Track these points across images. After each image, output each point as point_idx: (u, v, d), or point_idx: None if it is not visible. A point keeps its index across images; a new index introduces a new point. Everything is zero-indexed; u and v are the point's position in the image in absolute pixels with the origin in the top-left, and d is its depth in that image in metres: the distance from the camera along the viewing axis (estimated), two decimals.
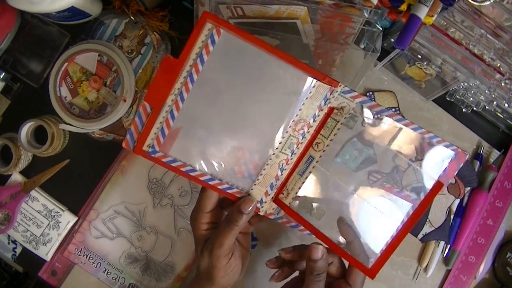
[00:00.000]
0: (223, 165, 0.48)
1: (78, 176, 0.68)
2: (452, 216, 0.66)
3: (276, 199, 0.51)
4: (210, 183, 0.48)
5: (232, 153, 0.47)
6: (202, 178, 0.48)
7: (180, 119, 0.45)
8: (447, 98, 0.64)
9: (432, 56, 0.58)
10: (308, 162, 0.50)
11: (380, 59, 0.61)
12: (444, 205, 0.67)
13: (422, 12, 0.47)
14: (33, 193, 0.67)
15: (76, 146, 0.68)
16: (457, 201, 0.66)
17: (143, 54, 0.65)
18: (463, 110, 0.65)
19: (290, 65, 0.44)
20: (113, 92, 0.64)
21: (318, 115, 0.48)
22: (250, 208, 0.48)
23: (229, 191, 0.49)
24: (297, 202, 0.52)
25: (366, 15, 0.52)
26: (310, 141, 0.49)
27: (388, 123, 0.50)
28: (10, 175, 0.68)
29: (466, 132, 0.67)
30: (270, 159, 0.48)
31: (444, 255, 0.66)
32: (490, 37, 0.53)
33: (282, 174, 0.50)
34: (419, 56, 0.58)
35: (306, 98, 0.46)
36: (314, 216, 0.66)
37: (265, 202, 0.50)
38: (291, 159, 0.49)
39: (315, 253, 0.48)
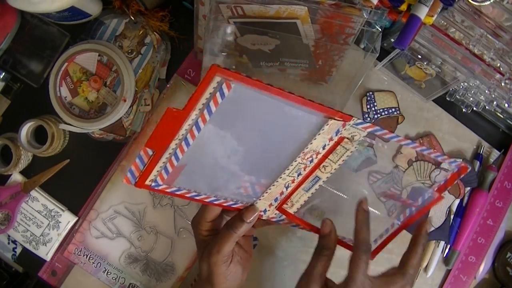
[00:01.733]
0: (228, 188, 0.48)
1: (78, 176, 0.67)
2: (452, 216, 0.66)
3: (279, 208, 0.52)
4: (216, 202, 0.49)
5: (239, 181, 0.48)
6: (208, 200, 0.48)
7: (185, 159, 0.44)
8: (447, 98, 0.64)
9: (432, 56, 0.58)
10: (314, 181, 0.51)
11: (380, 59, 0.61)
12: (444, 205, 0.67)
13: (422, 12, 0.47)
14: (33, 193, 0.67)
15: (76, 146, 0.68)
16: (457, 201, 0.66)
17: (143, 54, 0.65)
18: (463, 110, 0.65)
19: (303, 107, 0.43)
20: (113, 92, 0.64)
21: (328, 144, 0.48)
22: (252, 217, 0.48)
23: (234, 206, 0.50)
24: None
25: (366, 16, 0.52)
26: (318, 164, 0.50)
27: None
28: (10, 175, 0.68)
29: (466, 132, 0.67)
30: (277, 181, 0.49)
31: (444, 255, 0.66)
32: (490, 37, 0.53)
33: (287, 190, 0.51)
34: (419, 56, 0.58)
35: (319, 134, 0.46)
36: (315, 216, 0.66)
37: (268, 210, 0.51)
38: (297, 179, 0.50)
39: (323, 228, 0.49)
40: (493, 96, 0.60)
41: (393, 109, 0.67)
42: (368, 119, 0.67)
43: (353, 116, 0.46)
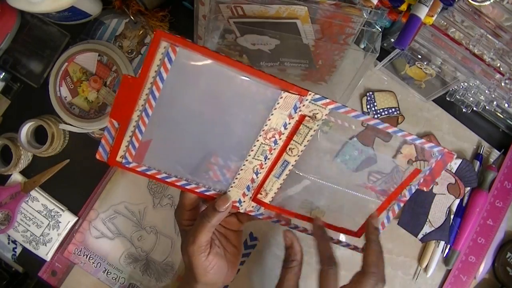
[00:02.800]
0: (197, 171, 0.48)
1: (78, 176, 0.68)
2: (452, 216, 0.66)
3: (254, 199, 0.51)
4: (187, 187, 0.49)
5: (206, 160, 0.48)
6: (179, 184, 0.48)
7: (149, 133, 0.45)
8: (447, 98, 0.64)
9: (432, 56, 0.58)
10: (284, 166, 0.51)
11: (380, 59, 0.61)
12: (444, 205, 0.67)
13: (422, 12, 0.47)
14: (33, 193, 0.67)
15: (76, 146, 0.68)
16: (457, 201, 0.66)
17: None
18: (463, 110, 0.65)
19: (255, 77, 0.44)
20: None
21: (289, 123, 0.48)
22: (225, 206, 0.48)
23: (207, 193, 0.49)
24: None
25: (366, 16, 0.52)
26: (284, 146, 0.49)
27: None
28: (10, 175, 0.68)
29: (466, 132, 0.67)
30: (244, 165, 0.49)
31: (444, 255, 0.66)
32: (490, 37, 0.53)
33: (258, 177, 0.50)
34: (419, 56, 0.58)
35: (275, 109, 0.46)
36: (314, 216, 0.66)
37: (244, 201, 0.51)
38: (265, 163, 0.50)
39: (284, 240, 0.49)
40: (493, 96, 0.60)
41: (393, 109, 0.67)
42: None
43: (310, 91, 0.45)
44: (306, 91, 0.45)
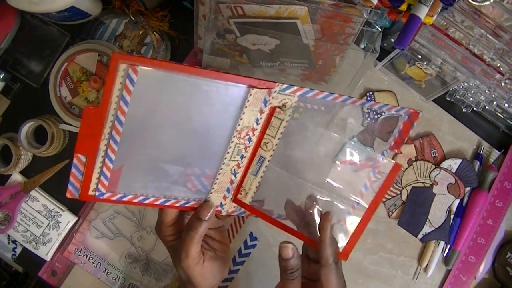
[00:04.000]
0: (174, 186, 0.47)
1: None
2: (452, 216, 0.66)
3: (235, 199, 0.51)
4: (167, 204, 0.48)
5: (182, 173, 0.47)
6: (157, 203, 0.47)
7: (119, 159, 0.43)
8: (447, 98, 0.64)
9: (432, 56, 0.58)
10: (260, 162, 0.50)
11: (380, 59, 0.61)
12: (444, 205, 0.67)
13: (422, 12, 0.47)
14: (33, 193, 0.67)
15: None
16: (457, 201, 0.66)
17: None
18: (463, 110, 0.65)
19: (220, 80, 0.43)
20: None
21: (261, 118, 0.47)
22: (209, 214, 0.47)
23: (187, 205, 0.48)
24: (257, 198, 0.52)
25: (366, 16, 0.52)
26: (258, 142, 0.49)
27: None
28: (10, 175, 0.68)
29: (466, 132, 0.67)
30: (221, 168, 0.48)
31: (444, 255, 0.66)
32: (490, 37, 0.53)
33: (236, 178, 0.50)
34: (419, 56, 0.58)
35: (245, 107, 0.45)
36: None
37: (225, 204, 0.50)
38: (242, 162, 0.49)
39: (285, 252, 0.47)
40: (493, 96, 0.60)
41: None
42: (368, 119, 0.67)
43: (277, 82, 0.45)
44: (274, 83, 0.45)
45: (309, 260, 0.50)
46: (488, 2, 0.50)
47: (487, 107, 0.62)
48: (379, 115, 0.67)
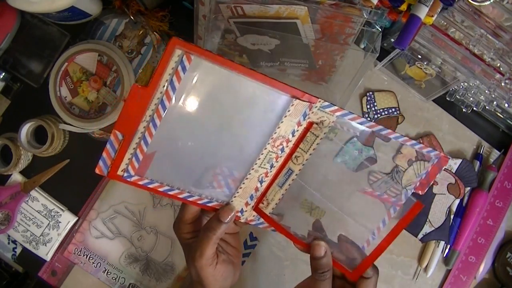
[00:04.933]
0: (201, 182, 0.47)
1: (78, 176, 0.67)
2: (452, 216, 0.66)
3: (256, 208, 0.51)
4: (190, 199, 0.47)
5: (210, 170, 0.47)
6: (181, 196, 0.47)
7: (154, 144, 0.43)
8: (447, 98, 0.64)
9: (432, 56, 0.58)
10: (288, 174, 0.50)
11: (380, 59, 0.61)
12: (444, 205, 0.67)
13: (422, 12, 0.47)
14: (33, 193, 0.67)
15: (76, 146, 0.68)
16: (457, 201, 0.66)
17: (143, 54, 0.65)
18: (463, 110, 0.65)
19: (267, 85, 0.43)
20: (113, 92, 0.64)
21: (297, 130, 0.47)
22: (229, 217, 0.47)
23: (209, 204, 0.48)
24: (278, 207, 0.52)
25: (366, 16, 0.52)
26: (289, 154, 0.49)
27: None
28: (10, 175, 0.68)
29: (466, 132, 0.67)
30: (250, 173, 0.48)
31: (444, 255, 0.66)
32: (490, 37, 0.53)
33: (261, 186, 0.50)
34: (419, 56, 0.58)
35: (285, 116, 0.45)
36: (314, 216, 0.66)
37: (246, 211, 0.50)
38: (270, 171, 0.49)
39: (317, 250, 0.46)
40: (493, 96, 0.60)
41: (393, 109, 0.67)
42: (368, 119, 0.67)
43: (319, 98, 0.45)
44: (316, 98, 0.45)
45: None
46: (488, 2, 0.50)
47: (487, 107, 0.62)
48: (379, 115, 0.67)
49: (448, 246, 0.66)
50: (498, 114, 0.65)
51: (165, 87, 0.41)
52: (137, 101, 0.41)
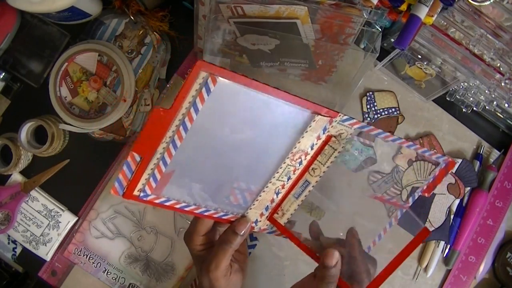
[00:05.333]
0: (218, 197, 0.47)
1: (78, 176, 0.67)
2: (452, 216, 0.66)
3: (270, 218, 0.51)
4: (206, 214, 0.48)
5: (228, 185, 0.47)
6: (197, 211, 0.47)
7: (173, 164, 0.43)
8: (447, 98, 0.64)
9: (432, 56, 0.58)
10: (304, 186, 0.50)
11: (380, 59, 0.61)
12: (444, 205, 0.67)
13: (422, 12, 0.47)
14: (33, 193, 0.67)
15: (76, 146, 0.68)
16: (457, 201, 0.66)
17: (143, 54, 0.65)
18: (463, 110, 0.65)
19: (290, 103, 0.43)
20: (113, 92, 0.64)
21: (316, 144, 0.47)
22: (245, 229, 0.47)
23: (225, 217, 0.49)
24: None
25: (366, 16, 0.52)
26: (307, 166, 0.49)
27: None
28: (10, 175, 0.68)
29: (466, 132, 0.67)
30: (267, 187, 0.48)
31: (444, 255, 0.66)
32: (490, 37, 0.53)
33: (277, 197, 0.50)
34: (419, 56, 0.58)
35: (306, 132, 0.45)
36: (314, 216, 0.66)
37: (260, 221, 0.50)
38: (287, 183, 0.49)
39: (329, 260, 0.45)
40: (493, 96, 0.60)
41: (393, 109, 0.67)
42: (368, 119, 0.67)
43: (340, 112, 0.45)
44: (336, 113, 0.45)
45: None
46: (488, 2, 0.50)
47: (487, 107, 0.62)
48: (379, 115, 0.67)
49: (448, 246, 0.66)
50: (498, 114, 0.65)
51: (187, 109, 0.40)
52: (158, 124, 0.40)
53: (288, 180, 0.49)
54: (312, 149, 0.48)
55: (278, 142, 0.46)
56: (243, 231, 0.47)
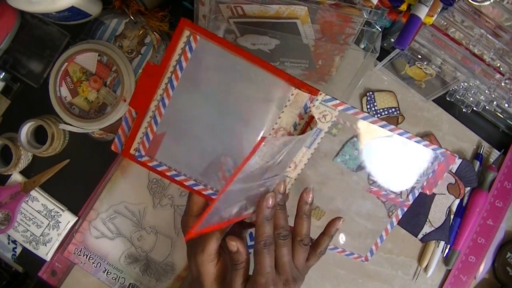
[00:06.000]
0: (207, 171, 0.48)
1: (78, 176, 0.67)
2: (452, 216, 0.66)
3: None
4: (195, 188, 0.48)
5: (216, 159, 0.48)
6: (187, 183, 0.48)
7: (163, 125, 0.46)
8: (447, 98, 0.64)
9: (432, 56, 0.58)
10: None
11: (380, 59, 0.61)
12: (444, 205, 0.67)
13: (422, 12, 0.47)
14: (33, 193, 0.67)
15: (76, 146, 0.68)
16: (457, 201, 0.66)
17: (143, 54, 0.65)
18: (463, 110, 0.65)
19: (268, 72, 0.44)
20: (113, 92, 0.64)
21: (299, 124, 0.47)
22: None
23: (214, 197, 0.48)
24: None
25: (366, 16, 0.52)
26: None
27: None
28: (10, 175, 0.68)
29: (466, 132, 0.67)
30: None
31: (444, 255, 0.66)
32: (490, 37, 0.53)
33: None
34: (419, 56, 0.58)
35: (285, 106, 0.45)
36: (314, 216, 0.66)
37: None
38: None
39: (229, 245, 0.46)
40: (493, 96, 0.60)
41: (393, 109, 0.67)
42: None
43: (321, 91, 0.45)
44: (317, 90, 0.45)
45: None
46: (488, 2, 0.50)
47: (487, 107, 0.62)
48: (379, 115, 0.67)
49: (448, 246, 0.66)
50: (498, 114, 0.65)
51: (174, 67, 0.43)
52: (149, 78, 0.44)
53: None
54: (295, 129, 0.47)
55: (259, 115, 0.46)
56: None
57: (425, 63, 0.59)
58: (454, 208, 0.66)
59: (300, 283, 0.48)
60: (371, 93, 0.67)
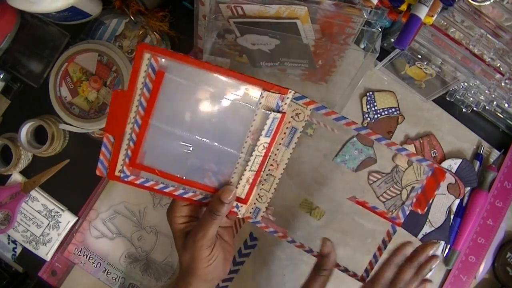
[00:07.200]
0: (193, 180, 0.49)
1: (78, 176, 0.67)
2: (452, 216, 0.66)
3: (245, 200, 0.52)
4: (185, 196, 0.49)
5: (200, 168, 0.49)
6: (176, 193, 0.49)
7: (143, 145, 0.47)
8: (447, 98, 0.64)
9: (432, 56, 0.58)
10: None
11: (380, 59, 0.61)
12: (444, 205, 0.67)
13: (422, 12, 0.47)
14: (33, 193, 0.67)
15: (76, 146, 0.68)
16: (457, 201, 0.66)
17: None
18: (463, 110, 0.65)
19: (234, 79, 0.45)
20: None
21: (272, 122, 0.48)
22: (230, 197, 0.48)
23: (205, 200, 0.50)
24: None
25: (366, 16, 0.52)
26: (269, 147, 0.49)
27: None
28: (10, 175, 0.68)
29: (466, 132, 0.67)
30: (236, 167, 0.49)
31: (444, 255, 0.66)
32: (490, 37, 0.53)
33: (250, 178, 0.50)
34: (419, 56, 0.58)
35: (258, 109, 0.46)
36: (314, 216, 0.66)
37: (241, 206, 0.51)
38: (253, 163, 0.50)
39: (323, 248, 0.49)
40: (493, 96, 0.60)
41: (393, 109, 0.67)
42: (368, 119, 0.67)
43: (290, 89, 0.46)
44: (286, 89, 0.46)
45: None
46: (488, 2, 0.50)
47: (487, 107, 0.62)
48: (379, 115, 0.67)
49: (448, 246, 0.66)
50: (498, 114, 0.65)
51: (141, 89, 0.45)
52: (119, 104, 0.45)
53: (254, 161, 0.49)
54: (270, 128, 0.48)
55: (235, 121, 0.47)
56: (228, 199, 0.48)
57: (425, 63, 0.59)
58: (454, 208, 0.66)
59: None
60: (371, 93, 0.67)
